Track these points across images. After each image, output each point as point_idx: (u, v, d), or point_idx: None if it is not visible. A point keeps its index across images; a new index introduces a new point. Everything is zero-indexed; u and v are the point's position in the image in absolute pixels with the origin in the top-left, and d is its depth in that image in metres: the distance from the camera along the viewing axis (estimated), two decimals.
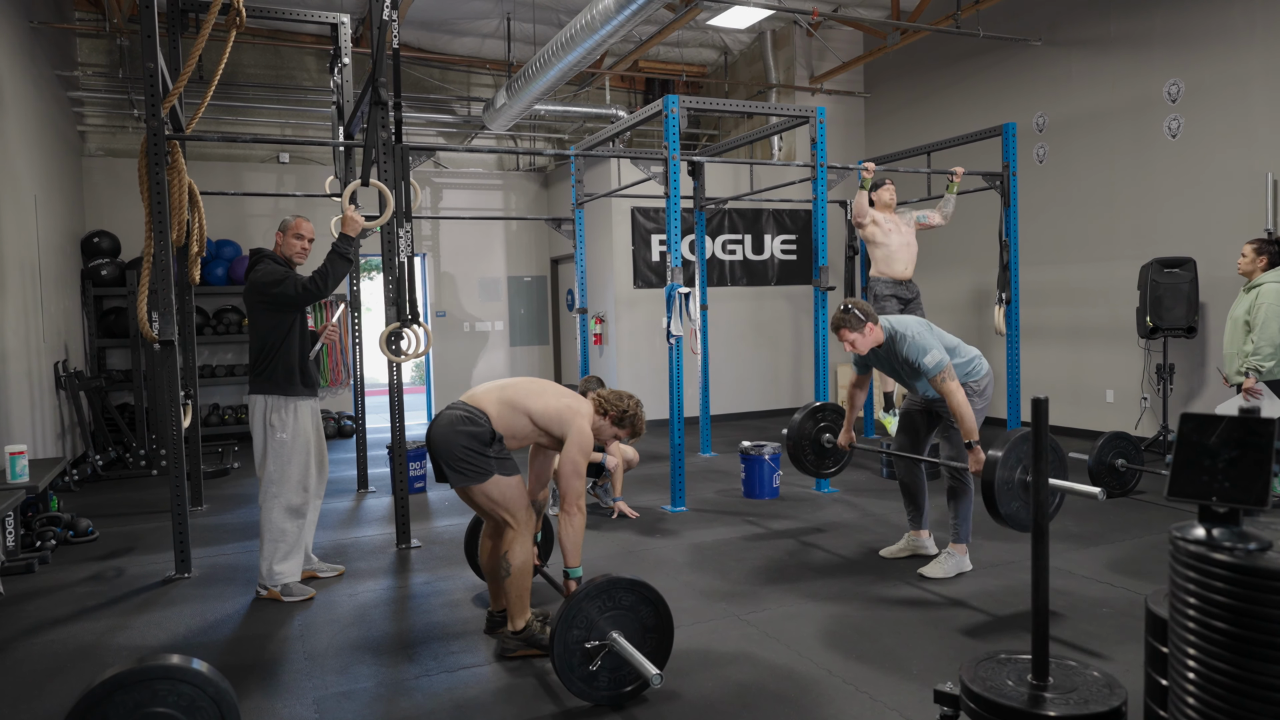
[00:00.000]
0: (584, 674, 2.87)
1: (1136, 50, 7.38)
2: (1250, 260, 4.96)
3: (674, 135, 5.65)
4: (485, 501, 3.22)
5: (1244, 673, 1.59)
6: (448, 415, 3.24)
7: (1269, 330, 4.73)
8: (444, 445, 3.17)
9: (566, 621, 2.83)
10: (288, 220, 4.25)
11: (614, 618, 2.90)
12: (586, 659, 2.86)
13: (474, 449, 3.16)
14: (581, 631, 2.85)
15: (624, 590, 2.92)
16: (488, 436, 3.19)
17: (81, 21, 8.68)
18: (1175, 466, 1.83)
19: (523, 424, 3.30)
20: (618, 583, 2.91)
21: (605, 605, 2.89)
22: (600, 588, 2.89)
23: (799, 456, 4.83)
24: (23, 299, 6.06)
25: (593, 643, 2.86)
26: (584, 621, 2.86)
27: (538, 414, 3.30)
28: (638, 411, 3.44)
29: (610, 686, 2.91)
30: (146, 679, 2.18)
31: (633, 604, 2.92)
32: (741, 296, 9.94)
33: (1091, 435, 7.19)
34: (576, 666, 2.86)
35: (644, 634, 2.93)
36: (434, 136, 10.82)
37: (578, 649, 2.85)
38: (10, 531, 4.60)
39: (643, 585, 2.94)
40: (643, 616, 2.94)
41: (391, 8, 4.62)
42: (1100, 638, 3.37)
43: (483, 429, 3.19)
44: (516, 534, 3.25)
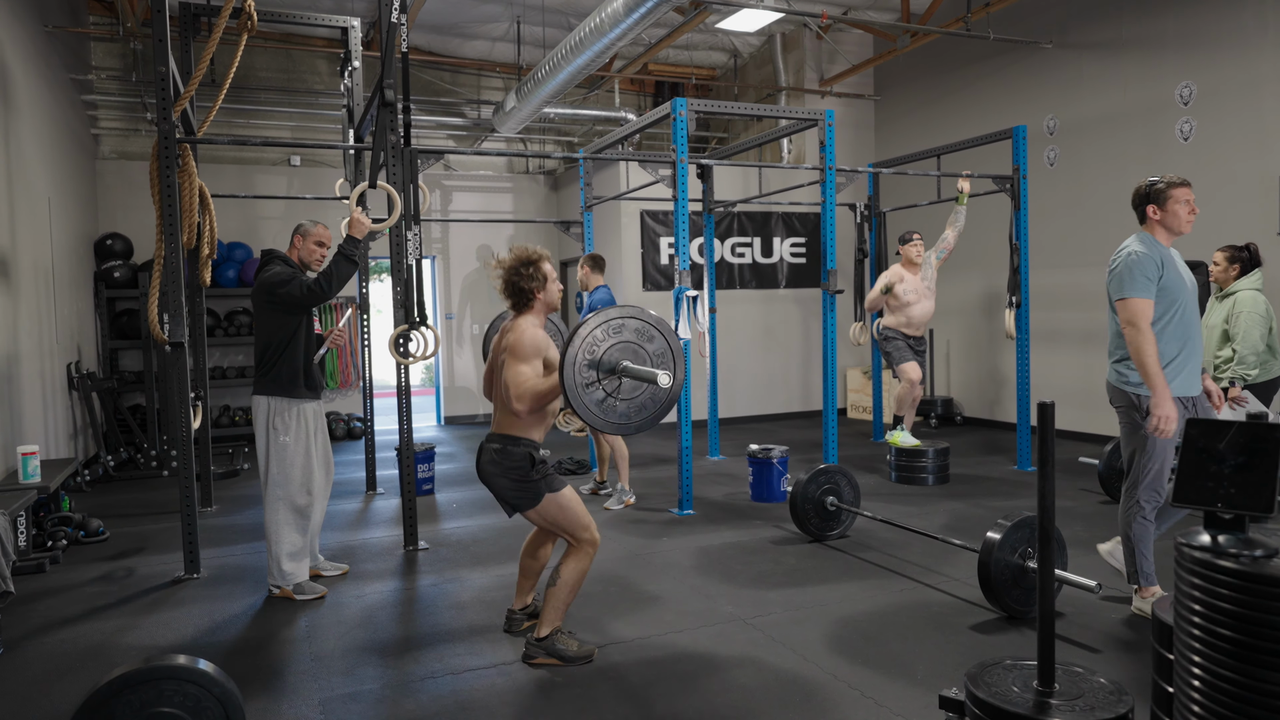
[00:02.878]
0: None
1: (1148, 53, 7.34)
2: (1223, 269, 4.95)
3: (682, 138, 5.65)
4: (543, 522, 3.27)
5: (1249, 680, 1.58)
6: (486, 451, 3.25)
7: (1251, 338, 4.71)
8: (490, 483, 3.24)
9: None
10: (307, 226, 4.26)
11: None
12: None
13: (516, 480, 3.18)
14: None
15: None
16: (525, 463, 3.16)
17: (95, 25, 8.75)
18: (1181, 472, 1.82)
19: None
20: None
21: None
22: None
23: (803, 520, 4.84)
24: (36, 301, 6.11)
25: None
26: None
27: (517, 375, 3.11)
28: (518, 260, 3.23)
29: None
30: (153, 679, 2.20)
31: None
32: (750, 299, 9.93)
33: (1103, 440, 7.15)
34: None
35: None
36: (444, 139, 10.85)
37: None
38: (22, 531, 4.63)
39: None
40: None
41: (401, 11, 4.64)
42: (1107, 644, 3.35)
43: (518, 458, 3.16)
44: (578, 550, 3.25)
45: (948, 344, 9.63)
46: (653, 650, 3.39)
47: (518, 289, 3.24)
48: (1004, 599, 3.57)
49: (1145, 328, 3.38)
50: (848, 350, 10.08)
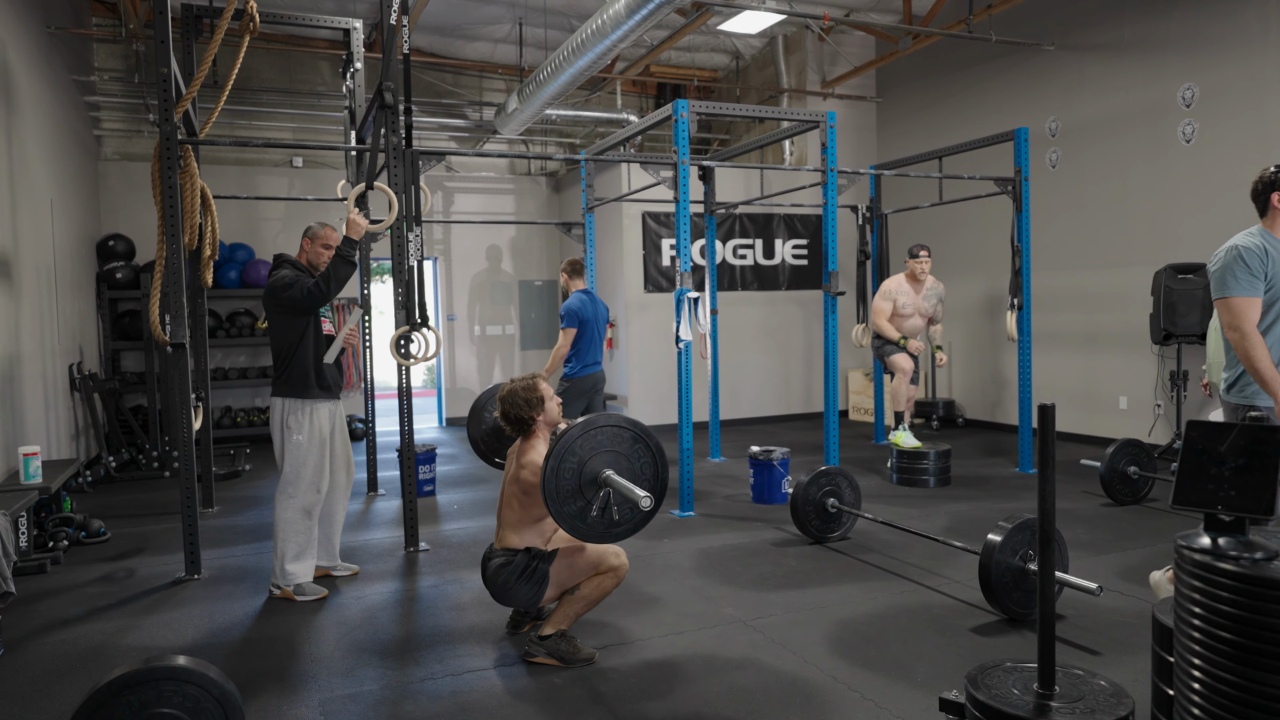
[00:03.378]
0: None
1: (1150, 55, 7.34)
2: None
3: (683, 140, 5.65)
4: (571, 583, 3.29)
5: (1249, 682, 1.58)
6: (490, 567, 3.34)
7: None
8: (503, 596, 3.32)
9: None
10: (314, 228, 4.30)
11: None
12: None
13: (519, 580, 3.26)
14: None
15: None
16: (521, 564, 3.26)
17: (98, 27, 8.77)
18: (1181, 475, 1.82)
19: (532, 520, 3.33)
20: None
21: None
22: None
23: (804, 521, 4.84)
24: (38, 301, 6.12)
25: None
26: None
27: (524, 505, 3.31)
28: (513, 393, 3.39)
29: None
30: (152, 679, 2.20)
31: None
32: (752, 301, 9.92)
33: (1104, 442, 7.14)
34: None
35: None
36: (446, 141, 10.86)
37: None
38: (23, 532, 4.64)
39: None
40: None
41: (402, 13, 4.65)
42: (1108, 646, 3.34)
43: (515, 561, 3.27)
44: (609, 576, 3.29)
45: (950, 346, 9.62)
46: (653, 652, 3.39)
47: (518, 419, 3.38)
48: (1005, 601, 3.56)
49: (1250, 330, 3.01)
50: (849, 352, 10.07)
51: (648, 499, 2.85)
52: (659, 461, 3.11)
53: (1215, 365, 5.17)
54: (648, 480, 3.08)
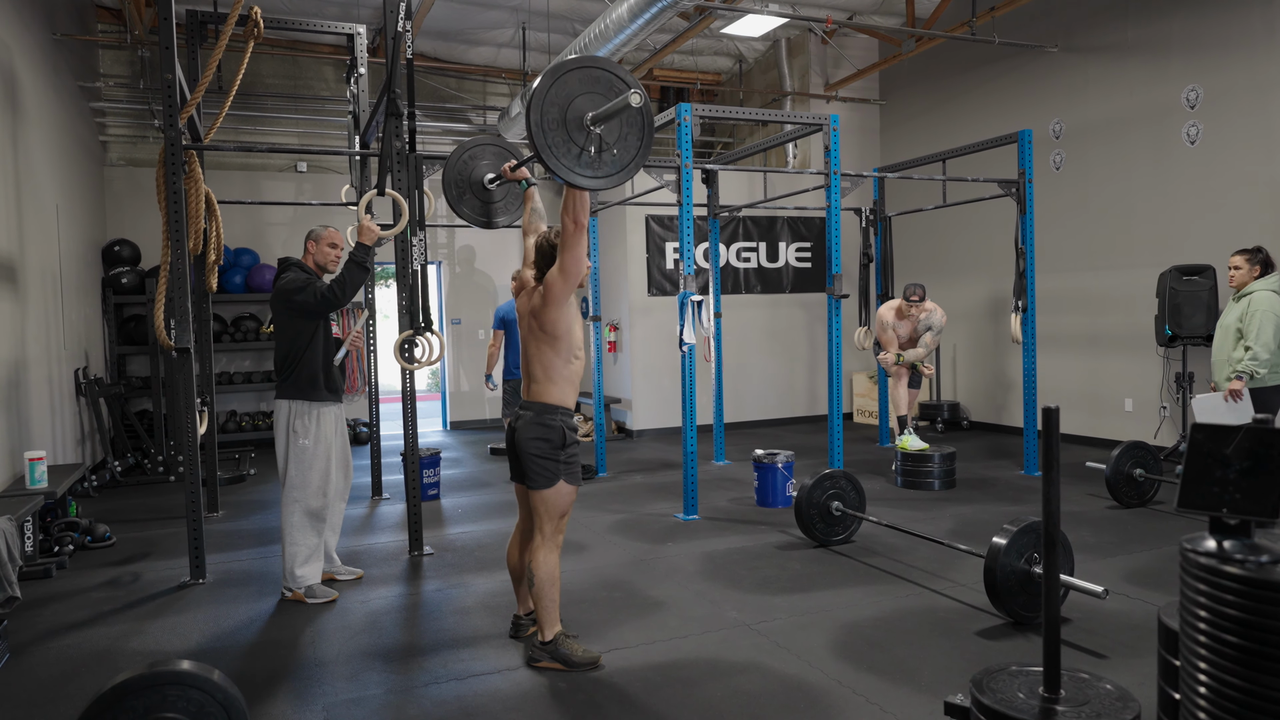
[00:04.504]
0: None
1: (1154, 56, 7.32)
2: (1245, 271, 4.99)
3: (686, 143, 5.65)
4: (538, 503, 3.28)
5: (1255, 686, 1.57)
6: (523, 418, 3.31)
7: (1264, 336, 4.72)
8: (521, 449, 3.28)
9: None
10: (318, 230, 4.34)
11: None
12: None
13: (546, 455, 3.24)
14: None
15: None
16: (559, 438, 3.25)
17: (104, 33, 8.80)
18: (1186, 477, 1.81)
19: (558, 356, 3.30)
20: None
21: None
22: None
23: (808, 525, 4.84)
24: (44, 306, 6.14)
25: None
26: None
27: (554, 347, 3.28)
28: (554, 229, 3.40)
29: None
30: (156, 684, 2.20)
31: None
32: (756, 304, 9.92)
33: (1109, 445, 7.11)
34: None
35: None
36: (450, 145, 10.88)
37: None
38: (29, 536, 4.65)
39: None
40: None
41: (406, 19, 4.66)
42: (1114, 649, 3.33)
43: (554, 430, 3.25)
44: (541, 545, 3.28)
45: (954, 348, 9.61)
46: (657, 656, 3.38)
47: (551, 255, 3.34)
48: (1010, 604, 3.55)
49: None
50: (853, 355, 10.06)
51: (635, 93, 2.80)
52: (629, 80, 3.04)
53: (1220, 363, 5.16)
54: (616, 88, 3.00)
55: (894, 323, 7.00)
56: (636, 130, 3.05)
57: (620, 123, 3.02)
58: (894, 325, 7.00)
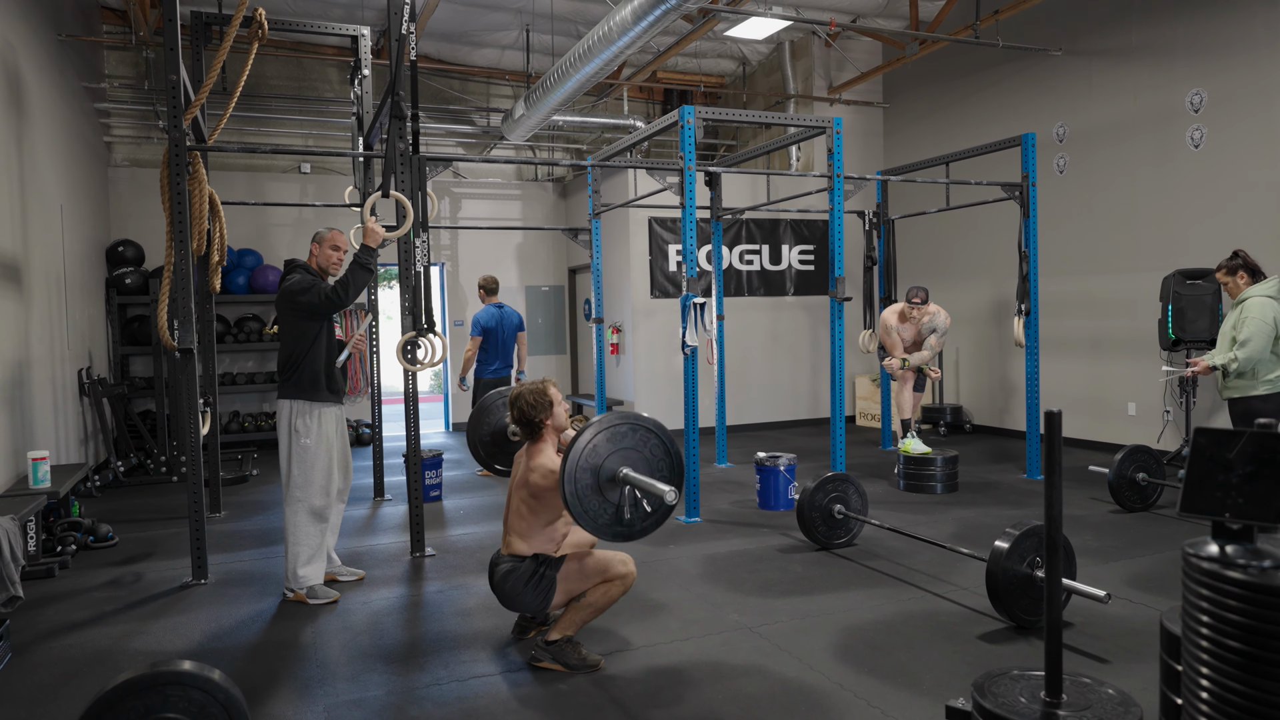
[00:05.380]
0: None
1: (1158, 60, 7.32)
2: (1232, 282, 4.97)
3: (690, 146, 5.66)
4: (580, 589, 3.30)
5: (1257, 692, 1.56)
6: (499, 572, 3.35)
7: (1255, 344, 4.68)
8: (510, 602, 3.34)
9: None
10: (322, 232, 4.39)
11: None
12: None
13: (526, 587, 3.27)
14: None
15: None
16: (530, 569, 3.27)
17: (109, 34, 8.83)
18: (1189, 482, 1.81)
19: (540, 525, 3.33)
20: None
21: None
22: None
23: (810, 528, 4.83)
24: (48, 307, 6.15)
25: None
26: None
27: (533, 510, 3.32)
28: (522, 396, 3.39)
29: None
30: (157, 684, 2.20)
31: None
32: (759, 307, 9.92)
33: (1113, 449, 7.10)
34: None
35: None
36: (453, 147, 10.89)
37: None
38: (32, 536, 4.66)
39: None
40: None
41: (410, 21, 4.67)
42: (1116, 654, 3.32)
43: (522, 568, 3.28)
44: (617, 583, 3.28)
45: (957, 352, 9.60)
46: (658, 658, 3.38)
47: (527, 421, 3.38)
48: (1012, 608, 3.54)
49: None
50: (856, 358, 10.05)
51: (671, 492, 2.87)
52: (670, 449, 3.13)
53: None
54: (664, 471, 3.11)
55: (897, 326, 7.00)
56: (655, 515, 3.13)
57: (644, 498, 3.08)
58: (898, 329, 7.00)
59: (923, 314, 6.83)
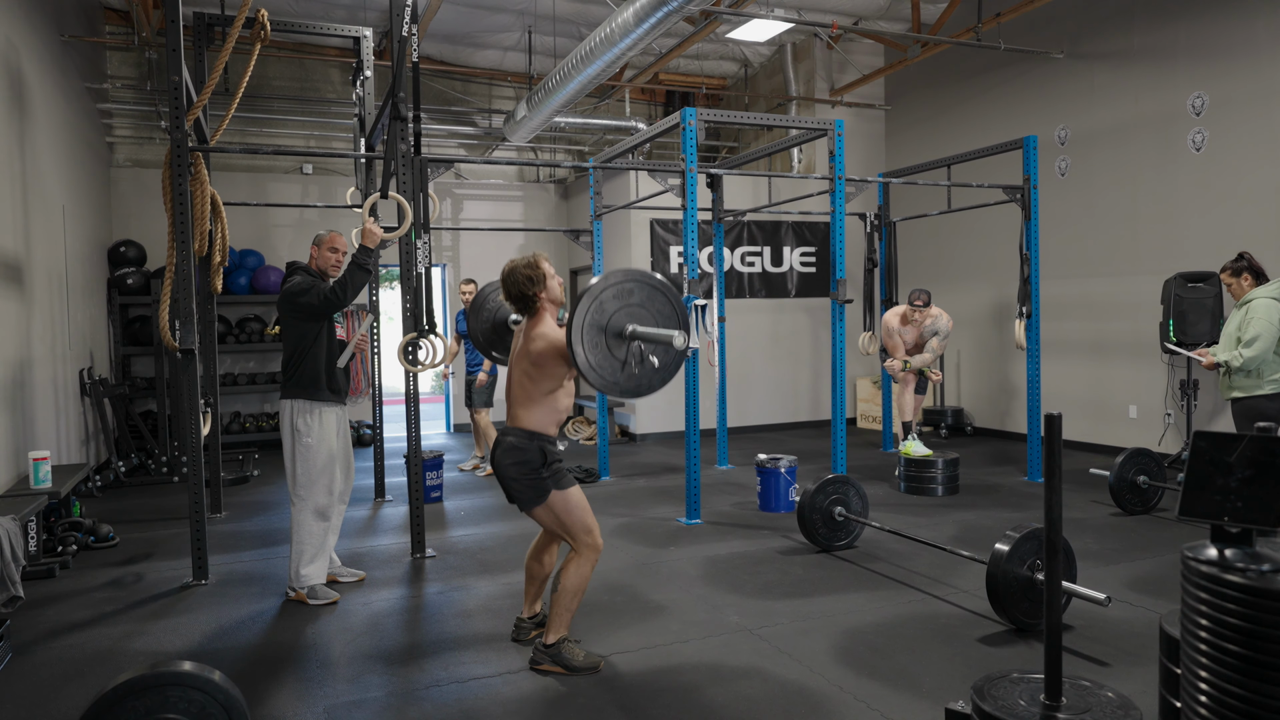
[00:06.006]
0: None
1: (1160, 63, 7.32)
2: (1237, 284, 4.99)
3: (691, 148, 5.66)
4: (548, 521, 3.28)
5: (1256, 695, 1.56)
6: (501, 445, 3.29)
7: (1259, 345, 4.68)
8: (502, 476, 3.29)
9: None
10: (321, 234, 4.41)
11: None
12: None
13: (526, 475, 3.23)
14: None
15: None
16: (537, 459, 3.22)
17: (111, 35, 8.84)
18: (1188, 485, 1.81)
19: (542, 395, 3.27)
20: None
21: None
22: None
23: (810, 530, 4.83)
24: (50, 307, 6.16)
25: None
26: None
27: (533, 378, 3.25)
28: (515, 271, 3.30)
29: None
30: (158, 685, 2.21)
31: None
32: (760, 309, 9.92)
33: (1114, 451, 7.10)
34: None
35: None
36: (455, 148, 10.90)
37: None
38: (33, 536, 4.66)
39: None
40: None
41: (412, 22, 4.68)
42: (1116, 657, 3.32)
43: (529, 453, 3.22)
44: (578, 555, 3.27)
45: (958, 354, 9.60)
46: (658, 660, 3.38)
47: (522, 296, 3.29)
48: (1012, 611, 3.54)
49: None
50: (857, 360, 10.05)
51: (680, 335, 2.87)
52: (674, 302, 3.11)
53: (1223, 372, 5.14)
54: (671, 320, 3.10)
55: (899, 329, 7.00)
56: (666, 367, 3.14)
57: (655, 347, 3.08)
58: (899, 331, 6.99)
59: (924, 316, 6.83)
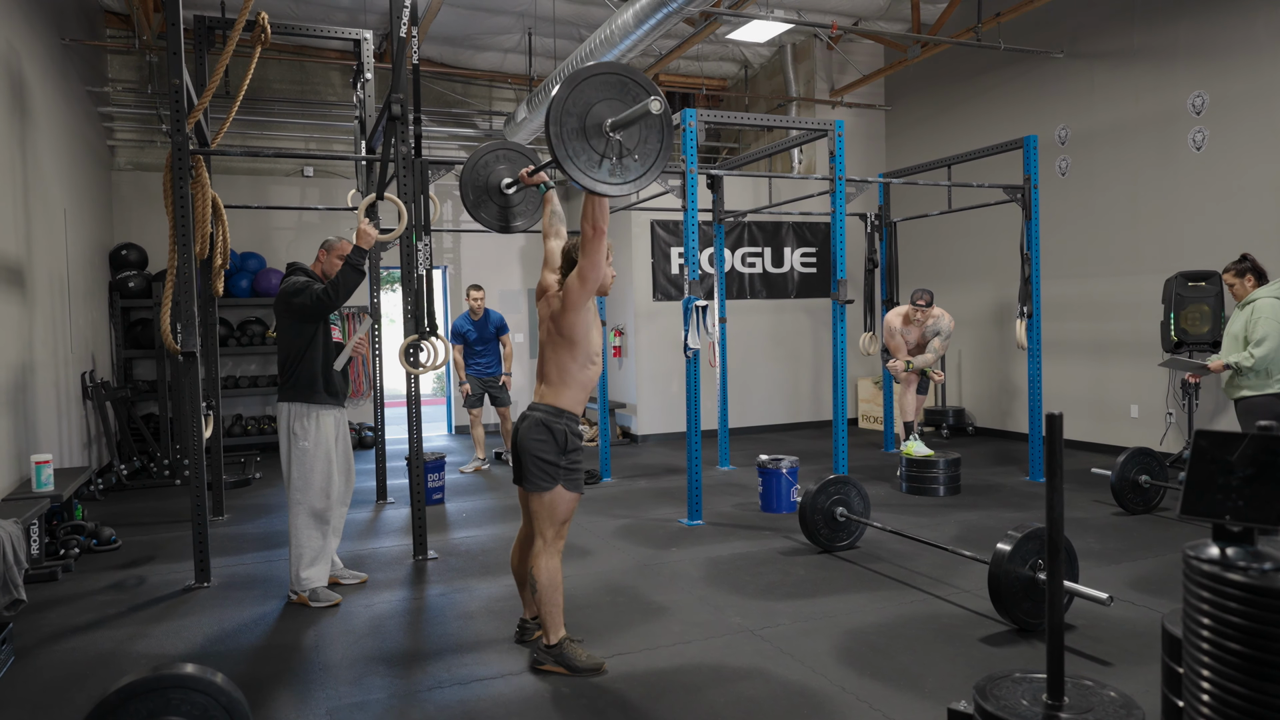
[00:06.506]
0: None
1: (1160, 62, 7.32)
2: (1240, 284, 4.99)
3: (691, 149, 5.66)
4: (538, 507, 3.28)
5: (1258, 694, 1.56)
6: (528, 419, 3.29)
7: (1267, 345, 4.69)
8: (522, 450, 3.27)
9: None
10: (332, 240, 4.42)
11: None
12: None
13: (546, 458, 3.23)
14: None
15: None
16: (561, 442, 3.24)
17: (112, 38, 8.85)
18: (1190, 484, 1.81)
19: (574, 360, 3.28)
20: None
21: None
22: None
23: (812, 530, 4.83)
24: (51, 310, 6.17)
25: None
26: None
27: (566, 345, 3.26)
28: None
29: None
30: (160, 687, 2.21)
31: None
32: (761, 309, 9.92)
33: (1115, 451, 7.09)
34: None
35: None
36: (456, 150, 10.91)
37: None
38: (35, 539, 4.67)
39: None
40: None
41: (412, 24, 4.68)
42: (1119, 657, 3.32)
43: (555, 432, 3.24)
44: (542, 550, 3.28)
45: (959, 354, 9.60)
46: (660, 661, 3.38)
47: (573, 261, 3.34)
48: (1014, 611, 3.54)
49: None
50: (858, 360, 10.05)
51: (656, 100, 2.80)
52: (647, 86, 3.02)
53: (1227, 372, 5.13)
54: (642, 95, 3.01)
55: (901, 329, 6.99)
56: (656, 134, 3.05)
57: (640, 128, 3.01)
58: (901, 331, 6.99)
59: (927, 316, 6.83)
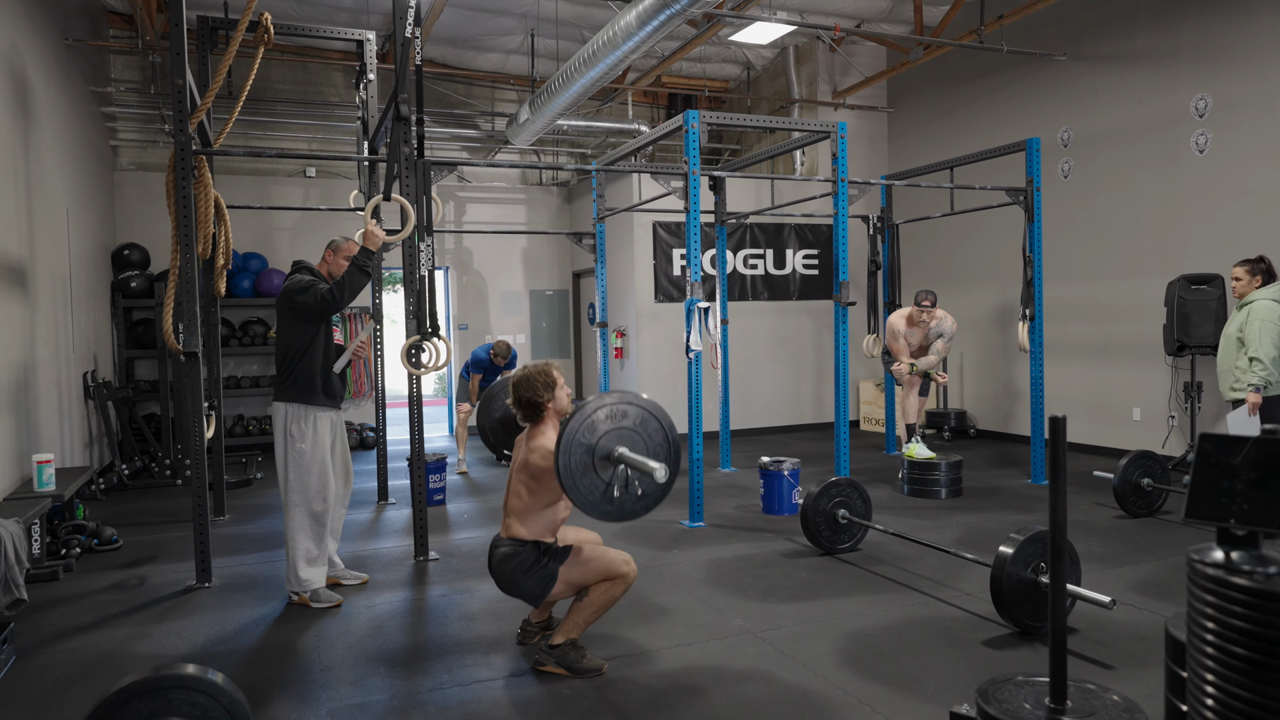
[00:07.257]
0: None
1: (1163, 65, 7.31)
2: (1246, 281, 4.99)
3: (694, 150, 5.66)
4: (580, 585, 3.29)
5: (1262, 698, 1.56)
6: (495, 557, 3.32)
7: (1263, 344, 4.70)
8: (505, 583, 3.30)
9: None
10: (338, 241, 4.40)
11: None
12: None
13: (527, 575, 3.25)
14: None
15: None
16: (531, 557, 3.25)
17: (115, 39, 8.86)
18: (1194, 487, 1.80)
19: (539, 507, 3.30)
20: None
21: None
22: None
23: (814, 532, 4.83)
24: (54, 310, 6.17)
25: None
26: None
27: (532, 491, 3.28)
28: (525, 378, 3.34)
29: None
30: (161, 688, 2.20)
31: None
32: (763, 311, 9.91)
33: (1117, 454, 7.08)
34: None
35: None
36: (458, 151, 10.92)
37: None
38: (36, 539, 4.67)
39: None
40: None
41: (415, 26, 4.68)
42: (1121, 660, 3.31)
43: (523, 554, 3.25)
44: (619, 582, 3.27)
45: (961, 357, 9.59)
46: (662, 663, 3.38)
47: (529, 402, 3.34)
48: (1016, 614, 3.53)
49: None
50: (860, 362, 10.04)
51: (662, 469, 2.85)
52: (670, 436, 3.12)
53: (1224, 373, 5.13)
54: (662, 450, 3.10)
55: (905, 331, 6.98)
56: (650, 496, 3.13)
57: (641, 478, 3.08)
58: (905, 334, 6.98)
59: (931, 318, 6.83)
